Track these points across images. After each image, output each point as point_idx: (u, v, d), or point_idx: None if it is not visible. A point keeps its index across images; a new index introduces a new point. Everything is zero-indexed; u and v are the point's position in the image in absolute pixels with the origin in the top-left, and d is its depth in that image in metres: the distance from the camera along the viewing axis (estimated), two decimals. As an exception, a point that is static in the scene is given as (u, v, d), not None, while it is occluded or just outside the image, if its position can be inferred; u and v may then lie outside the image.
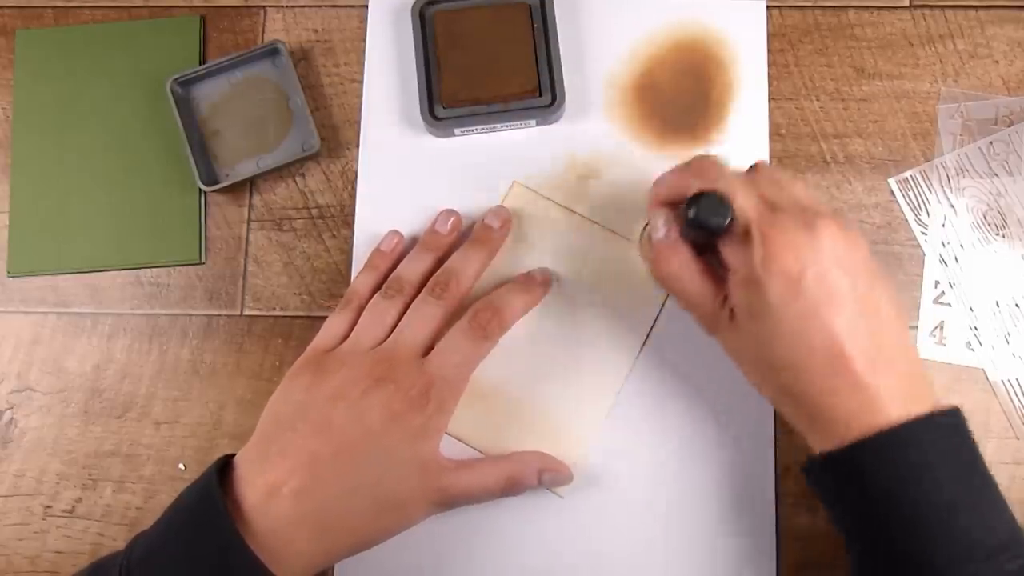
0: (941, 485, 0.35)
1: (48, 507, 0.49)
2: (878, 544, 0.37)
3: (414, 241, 0.49)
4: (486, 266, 0.47)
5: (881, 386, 0.36)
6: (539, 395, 0.48)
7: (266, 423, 0.43)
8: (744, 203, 0.38)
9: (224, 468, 0.41)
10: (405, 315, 0.45)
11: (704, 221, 0.37)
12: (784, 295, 0.36)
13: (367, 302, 0.47)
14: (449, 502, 0.44)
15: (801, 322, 0.36)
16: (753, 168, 0.41)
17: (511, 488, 0.44)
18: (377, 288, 0.47)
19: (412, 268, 0.47)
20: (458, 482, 0.43)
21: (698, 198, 0.37)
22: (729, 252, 0.39)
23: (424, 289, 0.46)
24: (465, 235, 0.49)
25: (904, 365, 0.38)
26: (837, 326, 0.36)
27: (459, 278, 0.46)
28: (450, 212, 0.49)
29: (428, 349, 0.44)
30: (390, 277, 0.47)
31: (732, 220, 0.37)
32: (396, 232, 0.49)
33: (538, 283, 0.48)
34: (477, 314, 0.45)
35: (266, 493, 0.40)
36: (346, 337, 0.46)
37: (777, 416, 0.47)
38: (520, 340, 0.48)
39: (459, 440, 0.47)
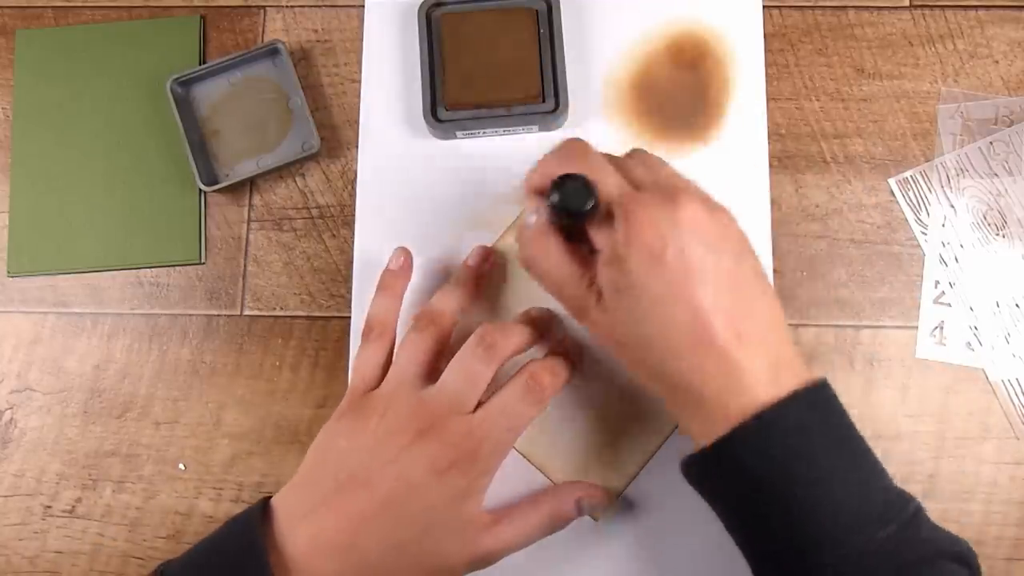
0: (812, 461, 0.35)
1: (48, 507, 0.49)
2: (762, 536, 0.36)
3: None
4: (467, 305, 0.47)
5: (748, 362, 0.35)
6: (595, 416, 0.47)
7: (309, 468, 0.42)
8: (609, 185, 0.38)
9: (263, 510, 0.40)
10: (451, 364, 0.43)
11: (566, 205, 0.37)
12: (646, 270, 0.36)
13: (393, 329, 0.46)
14: (490, 561, 0.43)
15: (664, 297, 0.36)
16: (629, 153, 0.41)
17: (553, 528, 0.44)
18: (397, 311, 0.46)
19: (443, 301, 0.46)
20: (499, 541, 0.42)
21: (562, 182, 0.37)
22: (595, 234, 0.38)
23: (470, 343, 0.43)
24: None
25: (772, 340, 0.37)
26: (699, 300, 0.35)
27: (507, 338, 0.44)
28: (482, 248, 0.48)
29: (476, 405, 0.43)
30: (421, 310, 0.46)
31: (596, 203, 0.37)
32: (403, 249, 0.48)
33: (579, 356, 0.47)
34: (535, 377, 0.43)
35: (310, 546, 0.39)
36: (382, 372, 0.44)
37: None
38: (588, 360, 0.47)
39: None
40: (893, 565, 0.34)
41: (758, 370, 0.36)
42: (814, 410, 0.36)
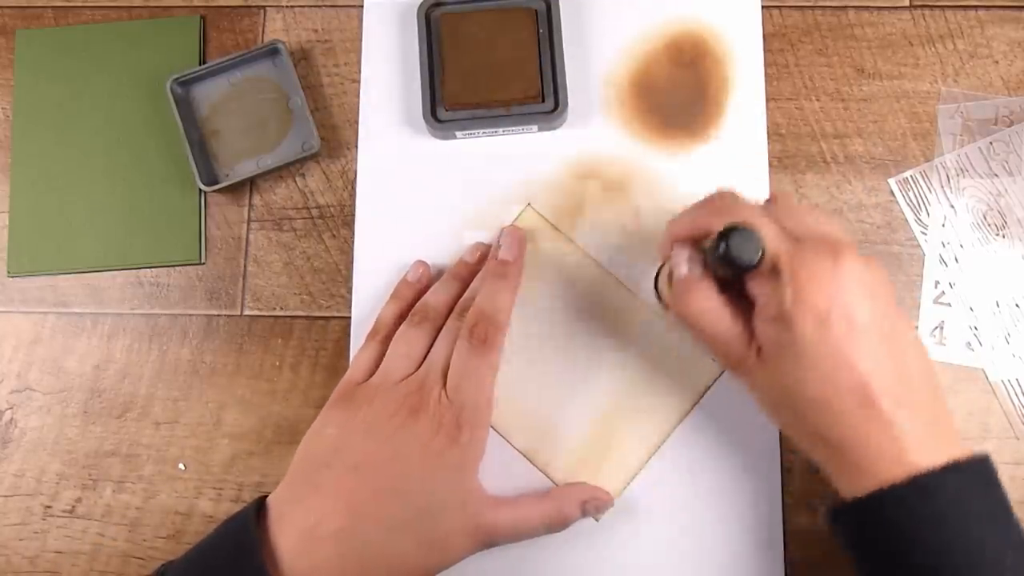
0: (966, 533, 0.35)
1: (48, 507, 0.49)
2: None
3: (440, 270, 0.49)
4: (514, 299, 0.47)
5: (907, 425, 0.36)
6: (596, 415, 0.47)
7: (300, 462, 0.42)
8: (770, 236, 0.37)
9: (259, 509, 0.40)
10: (435, 344, 0.44)
11: (737, 256, 0.36)
12: (814, 332, 0.36)
13: (395, 332, 0.46)
14: (491, 540, 0.43)
15: (828, 359, 0.36)
16: (770, 200, 0.41)
17: (554, 526, 0.44)
18: (403, 317, 0.46)
19: (438, 297, 0.46)
20: (499, 519, 0.42)
21: (729, 233, 0.36)
22: (757, 287, 0.38)
23: (450, 317, 0.45)
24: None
25: (930, 401, 0.37)
26: (864, 363, 0.36)
27: (496, 323, 0.44)
28: (480, 244, 0.49)
29: (442, 376, 0.44)
30: (416, 305, 0.46)
31: (763, 255, 0.36)
32: (422, 262, 0.49)
33: (510, 263, 0.46)
34: (472, 330, 0.44)
35: (305, 535, 0.39)
36: (376, 368, 0.45)
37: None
38: (592, 361, 0.48)
39: (505, 439, 0.47)
40: None
41: (917, 434, 0.36)
42: (973, 482, 0.36)
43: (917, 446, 0.35)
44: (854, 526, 0.38)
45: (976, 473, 0.36)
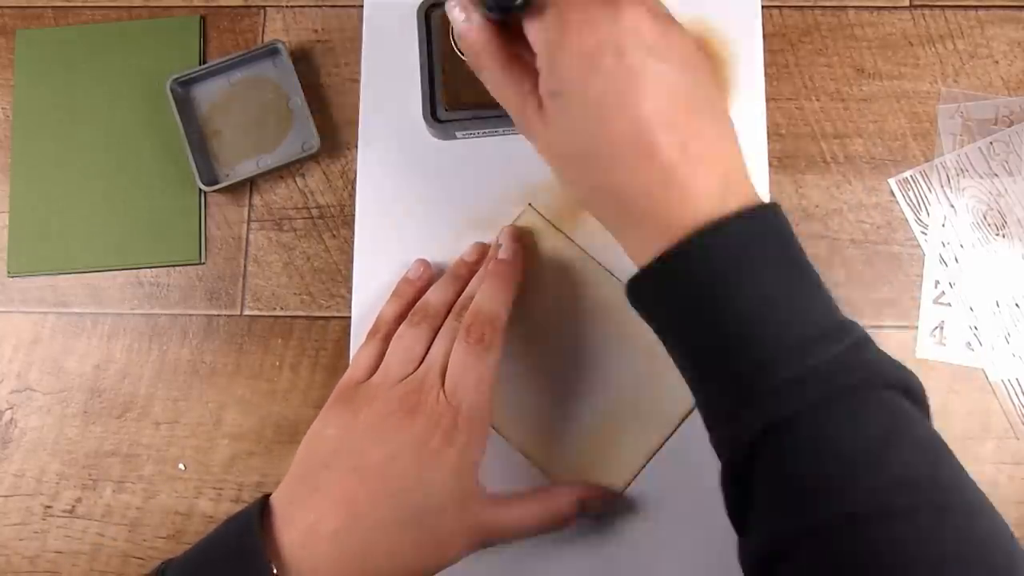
0: (757, 279, 0.33)
1: (48, 507, 0.49)
2: (703, 355, 0.35)
3: (440, 269, 0.49)
4: (513, 298, 0.46)
5: (694, 178, 0.33)
6: (596, 415, 0.47)
7: (301, 461, 0.42)
8: None
9: (263, 508, 0.40)
10: (433, 343, 0.44)
11: (498, 0, 0.35)
12: (581, 74, 0.33)
13: (395, 331, 0.46)
14: (490, 539, 0.42)
15: (602, 104, 0.33)
16: None
17: (553, 524, 0.44)
18: (404, 316, 0.46)
19: (438, 296, 0.46)
20: (499, 519, 0.42)
21: None
22: (532, 33, 0.36)
23: (450, 316, 0.45)
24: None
25: (722, 158, 0.35)
26: (640, 109, 0.33)
27: (494, 323, 0.44)
28: (480, 244, 0.48)
29: (441, 375, 0.43)
30: (416, 306, 0.46)
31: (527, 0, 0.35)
32: (423, 261, 0.49)
33: (508, 263, 0.46)
34: (470, 329, 0.43)
35: (305, 534, 0.39)
36: (376, 368, 0.45)
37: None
38: (592, 360, 0.48)
39: (506, 440, 0.47)
40: (835, 387, 0.33)
41: (704, 186, 0.34)
42: (763, 230, 0.34)
43: (702, 197, 0.34)
44: (647, 296, 0.36)
45: (763, 220, 0.35)
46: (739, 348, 0.34)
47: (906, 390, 0.34)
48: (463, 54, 0.39)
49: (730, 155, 0.36)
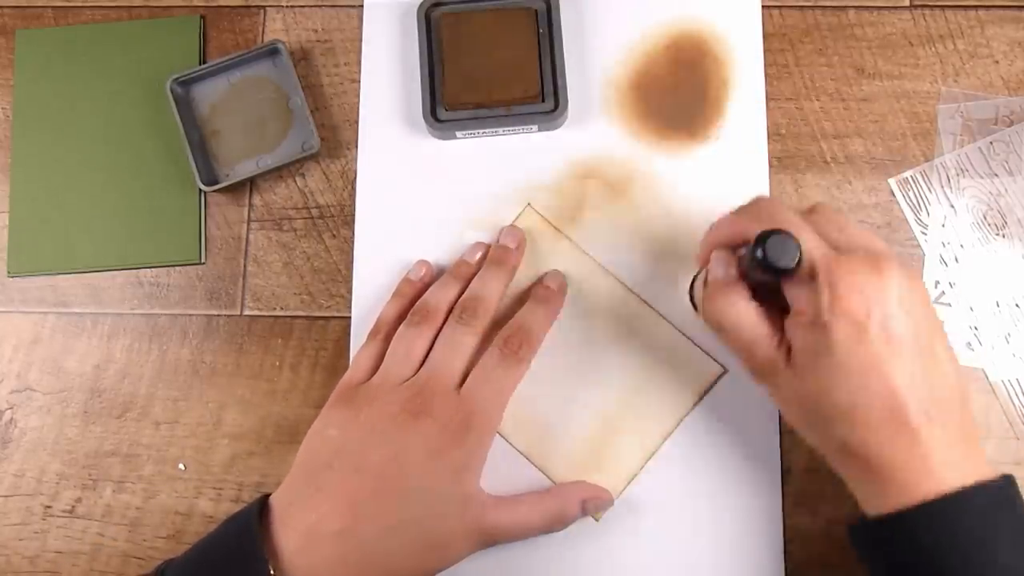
0: (993, 553, 0.35)
1: (48, 507, 0.49)
2: None
3: (441, 269, 0.49)
4: (507, 286, 0.47)
5: (936, 442, 0.35)
6: (596, 416, 0.47)
7: (302, 462, 0.42)
8: (810, 244, 0.37)
9: (262, 508, 0.40)
10: (436, 344, 0.44)
11: (774, 261, 0.36)
12: (849, 338, 0.35)
13: (396, 330, 0.46)
14: (490, 540, 0.43)
15: (862, 368, 0.35)
16: (812, 209, 0.40)
17: (554, 525, 0.44)
18: (405, 316, 0.46)
19: (438, 296, 0.46)
20: (500, 520, 0.42)
21: (766, 237, 0.36)
22: (794, 293, 0.37)
23: (451, 316, 0.45)
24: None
25: (959, 419, 0.37)
26: (898, 376, 0.35)
27: (483, 302, 0.45)
28: (480, 244, 0.49)
29: (463, 378, 0.44)
30: (415, 305, 0.46)
31: (800, 260, 0.36)
32: (424, 261, 0.49)
33: (555, 292, 0.47)
34: (507, 340, 0.44)
35: (306, 535, 0.39)
36: (377, 368, 0.45)
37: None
38: (592, 361, 0.48)
39: (506, 440, 0.47)
40: None
41: (945, 452, 0.35)
42: (999, 503, 0.36)
43: (944, 464, 0.35)
44: (876, 543, 0.37)
45: (1001, 493, 0.36)
46: None
47: None
48: (697, 307, 0.42)
49: (967, 417, 0.37)
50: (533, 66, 0.49)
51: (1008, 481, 0.36)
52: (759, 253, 0.36)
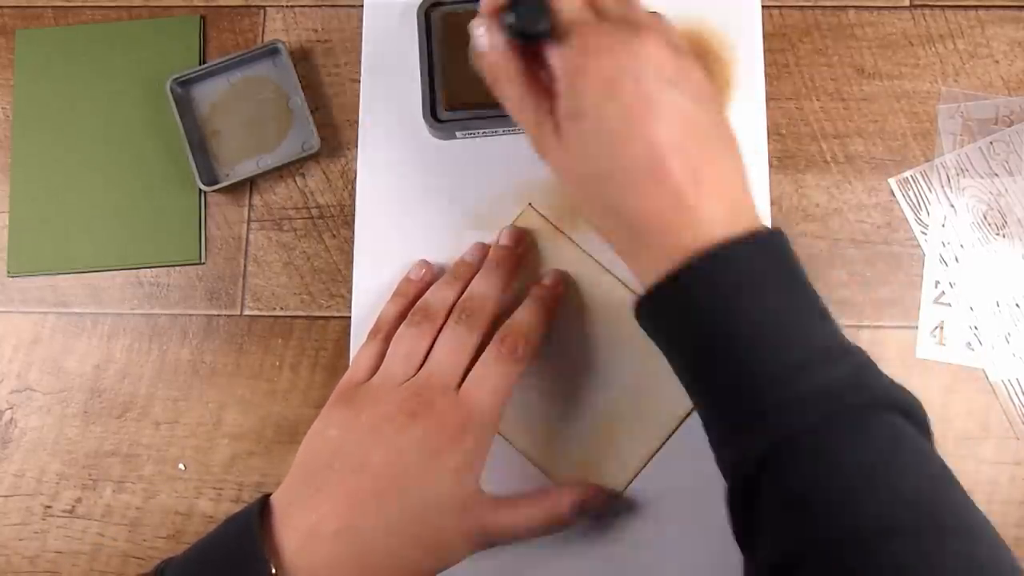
0: (762, 300, 0.34)
1: (48, 507, 0.49)
2: (708, 374, 0.36)
3: (441, 269, 0.49)
4: (508, 286, 0.47)
5: (703, 202, 0.35)
6: (597, 415, 0.47)
7: (302, 462, 0.42)
8: (569, 9, 0.37)
9: (263, 507, 0.40)
10: (435, 344, 0.44)
11: (520, 26, 0.36)
12: (601, 99, 0.35)
13: (395, 331, 0.46)
14: (490, 541, 0.43)
15: (619, 130, 0.35)
16: None
17: (555, 526, 0.44)
18: (406, 316, 0.46)
19: (438, 296, 0.46)
20: (499, 521, 0.42)
21: (517, 1, 0.36)
22: (553, 57, 0.37)
23: (451, 317, 0.45)
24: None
25: (730, 187, 0.36)
26: (656, 135, 0.35)
27: (484, 302, 0.45)
28: (481, 244, 0.49)
29: (463, 378, 0.43)
30: (416, 306, 0.46)
31: (550, 26, 0.36)
32: (425, 261, 0.49)
33: (553, 291, 0.47)
34: (504, 339, 0.44)
35: (306, 534, 0.39)
36: (377, 368, 0.45)
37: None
38: (593, 361, 0.48)
39: (507, 441, 0.47)
40: (839, 407, 0.33)
41: (712, 211, 0.35)
42: (767, 253, 0.36)
43: (710, 221, 0.35)
44: (653, 315, 0.37)
45: (769, 242, 0.36)
46: (743, 368, 0.34)
47: (907, 413, 0.35)
48: (481, 73, 0.40)
49: (738, 184, 0.37)
50: None
51: (777, 235, 0.36)
52: (510, 18, 0.36)
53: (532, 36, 0.36)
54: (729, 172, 0.37)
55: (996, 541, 0.32)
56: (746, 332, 0.34)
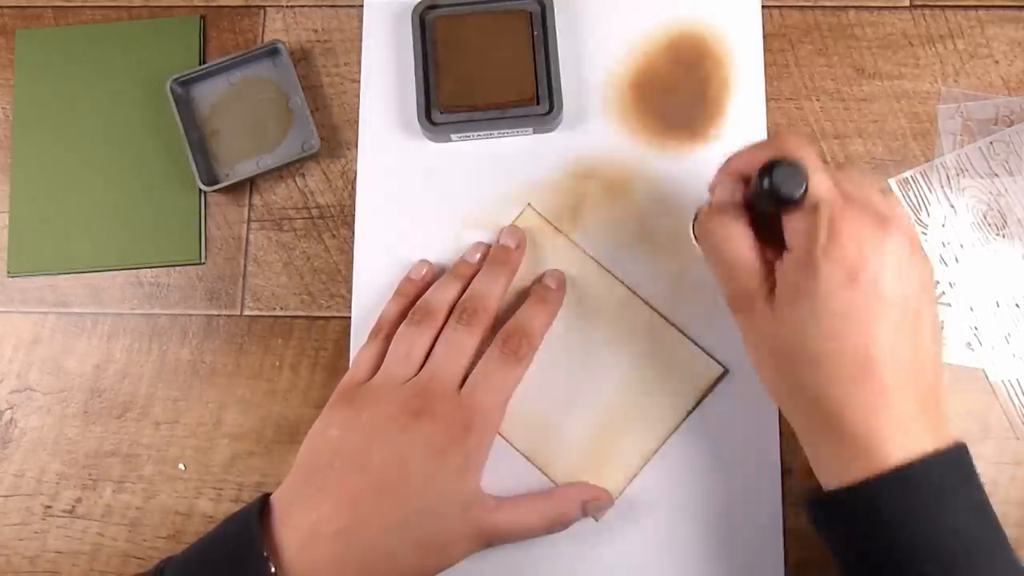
0: (946, 519, 0.34)
1: (48, 507, 0.49)
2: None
3: (441, 269, 0.49)
4: (508, 286, 0.47)
5: (904, 408, 0.35)
6: (596, 416, 0.47)
7: (303, 461, 0.42)
8: (821, 184, 0.36)
9: (263, 507, 0.40)
10: (437, 344, 0.44)
11: (777, 187, 0.35)
12: (837, 284, 0.34)
13: (396, 330, 0.46)
14: (491, 541, 0.43)
15: (843, 316, 0.34)
16: (841, 164, 0.40)
17: (555, 526, 0.44)
18: (406, 315, 0.46)
19: (439, 295, 0.46)
20: (500, 521, 0.42)
21: (774, 165, 0.35)
22: (792, 228, 0.36)
23: (451, 316, 0.45)
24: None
25: (933, 395, 0.36)
26: (877, 331, 0.34)
27: (484, 302, 0.45)
28: (481, 244, 0.49)
29: (463, 378, 0.44)
30: (416, 305, 0.46)
31: (805, 193, 0.35)
32: (425, 261, 0.49)
33: (554, 291, 0.47)
34: (507, 339, 0.44)
35: (307, 534, 0.39)
36: (378, 368, 0.45)
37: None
38: (592, 361, 0.48)
39: (507, 441, 0.47)
40: None
41: (912, 421, 0.35)
42: (959, 471, 0.36)
43: (908, 432, 0.35)
44: (835, 518, 0.37)
45: (958, 461, 0.36)
46: None
47: None
48: (704, 227, 0.40)
49: (936, 392, 0.37)
50: (528, 69, 0.49)
51: (963, 448, 0.36)
52: (766, 179, 0.35)
53: (781, 200, 0.36)
54: (932, 377, 0.36)
55: None
56: (936, 550, 0.34)
